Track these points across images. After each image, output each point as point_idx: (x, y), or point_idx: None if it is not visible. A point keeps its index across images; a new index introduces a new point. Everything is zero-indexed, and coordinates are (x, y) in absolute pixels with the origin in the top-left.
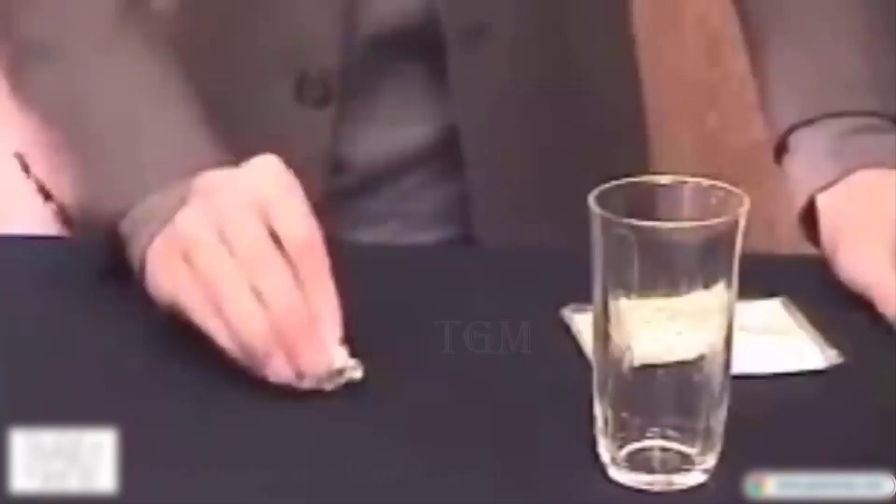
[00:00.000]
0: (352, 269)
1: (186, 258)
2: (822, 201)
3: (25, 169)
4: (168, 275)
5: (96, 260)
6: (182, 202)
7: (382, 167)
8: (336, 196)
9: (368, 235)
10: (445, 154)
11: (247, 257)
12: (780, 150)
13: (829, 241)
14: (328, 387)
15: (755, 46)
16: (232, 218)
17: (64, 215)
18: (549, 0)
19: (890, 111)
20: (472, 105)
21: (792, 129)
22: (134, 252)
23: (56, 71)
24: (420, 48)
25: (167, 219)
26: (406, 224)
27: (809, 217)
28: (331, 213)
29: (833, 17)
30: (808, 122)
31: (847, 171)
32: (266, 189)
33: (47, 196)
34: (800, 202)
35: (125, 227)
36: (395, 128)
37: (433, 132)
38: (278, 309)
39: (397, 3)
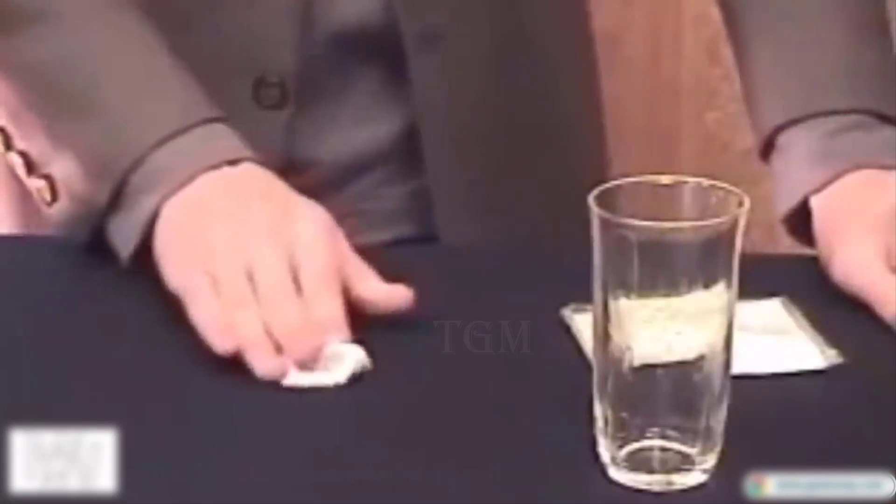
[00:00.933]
0: None
1: (211, 276)
2: (815, 203)
3: (7, 144)
4: (180, 270)
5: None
6: (202, 165)
7: (342, 166)
8: None
9: None
10: (405, 153)
11: (267, 298)
12: (768, 148)
13: (824, 243)
14: (330, 380)
15: (740, 44)
16: (263, 257)
17: (51, 187)
18: (508, 4)
19: (876, 108)
20: (432, 106)
21: (779, 128)
22: (148, 202)
23: (50, 32)
24: (379, 51)
25: (190, 176)
26: (364, 222)
27: (798, 215)
28: None
29: (818, 15)
30: (795, 122)
31: (840, 173)
32: (301, 230)
33: (31, 169)
34: (790, 202)
35: (138, 179)
36: (355, 128)
37: (393, 132)
38: (287, 342)
39: (355, 7)
